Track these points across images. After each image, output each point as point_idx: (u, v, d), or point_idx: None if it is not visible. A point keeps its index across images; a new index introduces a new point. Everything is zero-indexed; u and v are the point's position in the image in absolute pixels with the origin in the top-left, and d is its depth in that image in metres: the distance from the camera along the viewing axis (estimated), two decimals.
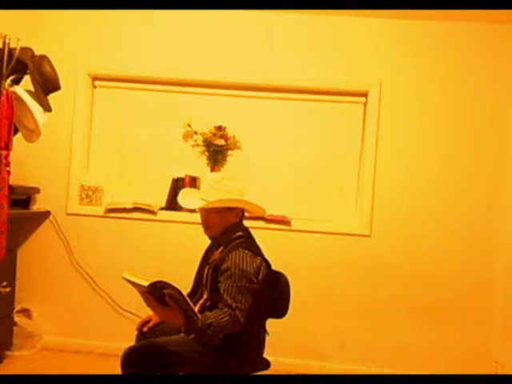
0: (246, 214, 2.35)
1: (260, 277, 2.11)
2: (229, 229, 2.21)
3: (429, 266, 3.35)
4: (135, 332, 2.32)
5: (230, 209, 2.20)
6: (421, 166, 3.40)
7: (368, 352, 3.36)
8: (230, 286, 2.02)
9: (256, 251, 2.16)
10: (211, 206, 2.16)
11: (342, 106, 3.52)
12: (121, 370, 2.03)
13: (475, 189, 3.36)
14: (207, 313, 1.98)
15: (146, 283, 1.88)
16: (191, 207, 2.28)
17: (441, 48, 3.40)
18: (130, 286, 1.98)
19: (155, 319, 2.27)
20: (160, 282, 1.85)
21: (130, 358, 2.01)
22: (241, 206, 2.24)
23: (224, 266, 2.07)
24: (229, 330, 1.98)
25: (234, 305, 1.98)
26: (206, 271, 2.23)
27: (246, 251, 2.10)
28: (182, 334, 2.13)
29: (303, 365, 3.34)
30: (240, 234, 2.21)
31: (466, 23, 3.36)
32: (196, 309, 1.98)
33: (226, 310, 1.97)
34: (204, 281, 2.23)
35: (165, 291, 1.89)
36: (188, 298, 1.89)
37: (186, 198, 2.34)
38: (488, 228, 3.34)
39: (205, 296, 2.20)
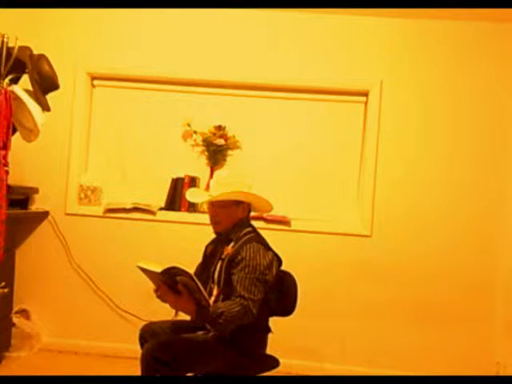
0: (251, 214, 2.36)
1: (273, 271, 2.15)
2: (238, 224, 2.25)
3: (429, 266, 3.34)
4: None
5: (237, 204, 2.24)
6: (422, 166, 3.38)
7: (368, 353, 3.35)
8: (244, 277, 2.04)
9: (268, 246, 2.21)
10: (216, 199, 2.20)
11: (343, 106, 3.51)
12: (142, 367, 1.99)
13: (476, 189, 3.35)
14: (219, 303, 2.00)
15: (159, 270, 1.87)
16: (198, 201, 2.50)
17: (442, 47, 3.39)
18: (144, 276, 1.99)
19: None
20: (173, 267, 1.85)
21: (155, 354, 1.96)
22: (244, 198, 2.25)
23: (238, 258, 2.10)
24: (241, 321, 1.98)
25: (246, 295, 2.00)
26: (218, 266, 2.23)
27: (260, 245, 2.15)
28: (200, 333, 2.14)
29: (303, 366, 3.32)
30: (250, 229, 2.26)
31: (467, 22, 3.35)
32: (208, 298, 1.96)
33: (238, 300, 1.99)
34: (216, 276, 2.23)
35: (177, 278, 1.88)
36: (200, 284, 1.87)
37: (193, 194, 2.42)
38: (489, 228, 3.33)
39: (215, 292, 2.20)
